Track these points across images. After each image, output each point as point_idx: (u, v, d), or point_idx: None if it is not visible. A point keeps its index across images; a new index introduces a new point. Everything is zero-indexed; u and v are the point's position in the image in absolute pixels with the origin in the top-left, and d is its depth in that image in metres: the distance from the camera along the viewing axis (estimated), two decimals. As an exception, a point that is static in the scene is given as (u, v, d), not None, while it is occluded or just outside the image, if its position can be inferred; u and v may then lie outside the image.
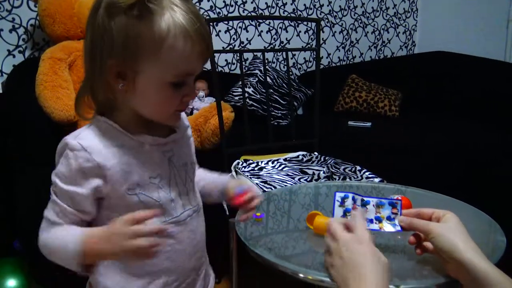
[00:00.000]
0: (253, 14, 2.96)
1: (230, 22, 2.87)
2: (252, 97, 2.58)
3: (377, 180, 1.54)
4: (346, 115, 2.91)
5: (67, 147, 0.78)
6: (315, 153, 1.85)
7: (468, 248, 0.78)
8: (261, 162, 1.72)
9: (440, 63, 3.30)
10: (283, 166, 1.70)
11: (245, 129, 1.84)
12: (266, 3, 3.00)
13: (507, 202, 1.89)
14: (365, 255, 0.75)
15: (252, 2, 2.94)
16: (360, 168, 1.65)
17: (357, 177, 1.59)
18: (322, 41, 3.32)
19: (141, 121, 0.82)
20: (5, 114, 1.86)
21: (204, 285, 0.96)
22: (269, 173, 1.62)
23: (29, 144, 1.81)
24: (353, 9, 3.44)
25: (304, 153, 1.83)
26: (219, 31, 2.84)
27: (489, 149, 2.24)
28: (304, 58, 3.28)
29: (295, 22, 3.16)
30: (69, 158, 0.77)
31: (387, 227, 0.90)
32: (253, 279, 1.84)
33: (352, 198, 0.92)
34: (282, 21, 3.11)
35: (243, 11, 2.91)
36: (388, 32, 3.69)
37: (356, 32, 3.50)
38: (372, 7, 3.54)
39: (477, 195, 1.40)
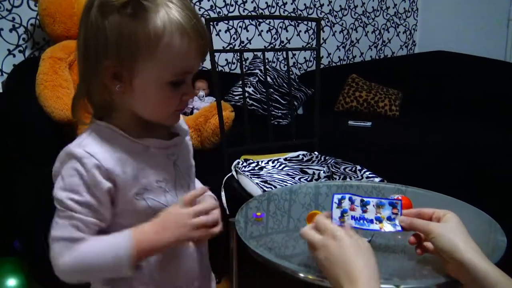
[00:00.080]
0: (253, 13, 2.96)
1: (230, 22, 2.86)
2: (252, 96, 2.58)
3: (377, 179, 1.54)
4: (346, 114, 2.91)
5: (72, 157, 0.75)
6: (316, 152, 1.85)
7: (469, 248, 0.78)
8: (262, 161, 1.72)
9: (440, 63, 3.30)
10: (283, 165, 1.70)
11: (246, 129, 1.84)
12: (266, 2, 3.00)
13: (507, 202, 1.89)
14: (345, 248, 0.76)
15: (252, 2, 2.94)
16: (360, 167, 1.65)
17: (358, 176, 1.59)
18: (322, 41, 3.32)
19: (140, 122, 0.80)
20: (5, 114, 1.86)
21: None
22: (270, 173, 1.62)
23: (29, 144, 1.81)
24: (354, 9, 3.44)
25: (305, 152, 1.83)
26: (219, 30, 2.83)
27: (490, 148, 2.24)
28: (304, 58, 3.28)
29: (295, 22, 3.16)
30: (77, 168, 0.74)
31: (388, 227, 0.90)
32: (253, 279, 1.84)
33: (349, 199, 0.92)
34: (282, 20, 3.11)
35: (243, 11, 2.91)
36: (388, 32, 3.69)
37: (357, 31, 3.50)
38: (373, 7, 3.54)
39: (477, 194, 1.40)
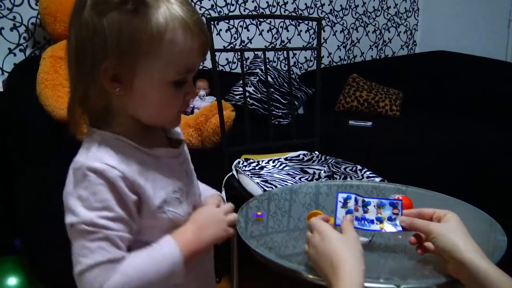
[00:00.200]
0: (254, 13, 2.95)
1: (231, 21, 2.86)
2: (253, 96, 2.58)
3: (378, 179, 1.54)
4: (347, 114, 2.91)
5: (93, 172, 0.68)
6: (316, 152, 1.84)
7: (469, 248, 0.78)
8: (262, 161, 1.72)
9: (441, 63, 3.29)
10: (284, 165, 1.70)
11: (246, 128, 1.84)
12: (267, 2, 2.99)
13: (508, 202, 1.89)
14: (328, 240, 0.80)
15: (253, 1, 2.94)
16: (361, 167, 1.65)
17: (358, 176, 1.59)
18: (323, 41, 3.32)
19: (141, 128, 0.76)
20: (5, 114, 1.86)
21: None
22: (270, 172, 1.62)
23: (29, 144, 1.81)
24: (354, 9, 3.44)
25: (305, 152, 1.83)
26: (220, 30, 2.83)
27: (490, 148, 2.24)
28: (305, 57, 3.28)
29: (296, 21, 3.16)
30: (102, 182, 0.68)
31: (388, 227, 0.90)
32: (254, 279, 1.84)
33: (355, 199, 0.92)
34: (283, 20, 3.11)
35: (244, 10, 2.91)
36: (389, 32, 3.68)
37: (357, 31, 3.50)
38: (373, 7, 3.54)
39: (477, 194, 1.40)
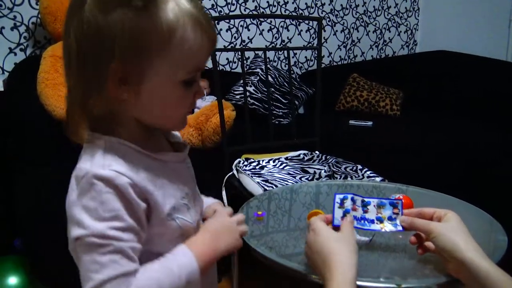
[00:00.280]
0: (255, 12, 2.96)
1: (231, 21, 2.87)
2: (253, 95, 2.58)
3: (378, 179, 1.54)
4: (347, 114, 2.91)
5: (100, 180, 0.64)
6: (316, 152, 1.84)
7: (470, 247, 0.77)
8: (262, 161, 1.72)
9: (441, 63, 3.29)
10: (284, 165, 1.70)
11: (247, 128, 1.84)
12: (267, 1, 2.99)
13: (508, 202, 1.89)
14: (321, 237, 0.82)
15: (253, 1, 2.94)
16: (361, 167, 1.65)
17: (358, 176, 1.59)
18: (323, 40, 3.32)
19: (145, 133, 0.72)
20: (5, 114, 1.86)
21: None
22: (270, 172, 1.62)
23: (29, 144, 1.81)
24: (355, 8, 3.44)
25: (306, 152, 1.83)
26: (221, 29, 2.83)
27: (490, 148, 2.24)
28: (306, 57, 3.28)
29: (296, 21, 3.16)
30: (110, 191, 0.64)
31: (389, 227, 0.90)
32: (254, 279, 1.84)
33: (352, 199, 0.92)
34: (283, 19, 3.11)
35: (244, 10, 2.91)
36: (389, 31, 3.68)
37: (358, 31, 3.50)
38: (374, 6, 3.54)
39: (477, 194, 1.40)
